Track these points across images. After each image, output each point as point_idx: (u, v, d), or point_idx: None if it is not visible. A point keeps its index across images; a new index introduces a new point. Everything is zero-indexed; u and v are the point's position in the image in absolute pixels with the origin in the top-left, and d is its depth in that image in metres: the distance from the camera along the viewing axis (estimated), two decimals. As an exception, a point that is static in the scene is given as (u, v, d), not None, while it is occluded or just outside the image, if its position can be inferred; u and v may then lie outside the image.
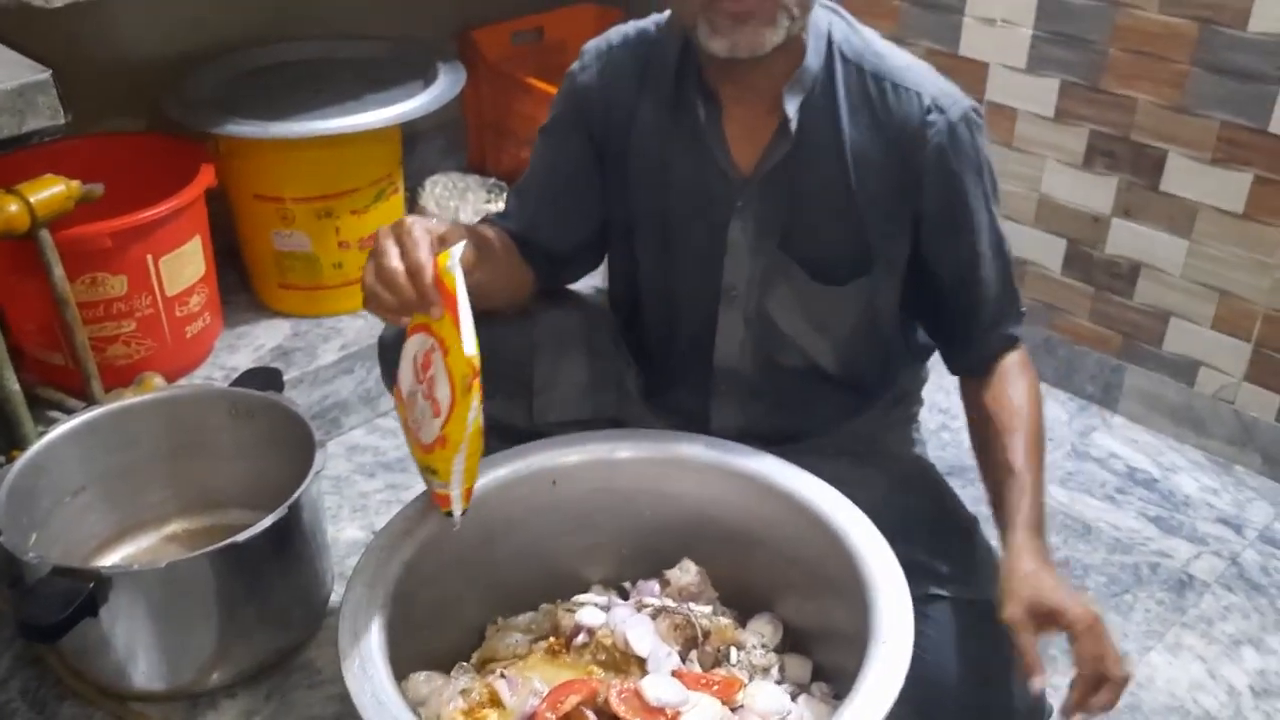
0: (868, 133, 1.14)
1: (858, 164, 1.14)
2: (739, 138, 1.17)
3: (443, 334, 0.97)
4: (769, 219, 1.19)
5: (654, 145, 1.21)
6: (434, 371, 0.99)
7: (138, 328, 1.70)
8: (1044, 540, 1.07)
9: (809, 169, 1.15)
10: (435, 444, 1.01)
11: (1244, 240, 1.70)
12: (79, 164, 1.57)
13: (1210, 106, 1.68)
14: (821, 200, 1.17)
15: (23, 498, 1.35)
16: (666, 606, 1.16)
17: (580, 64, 1.24)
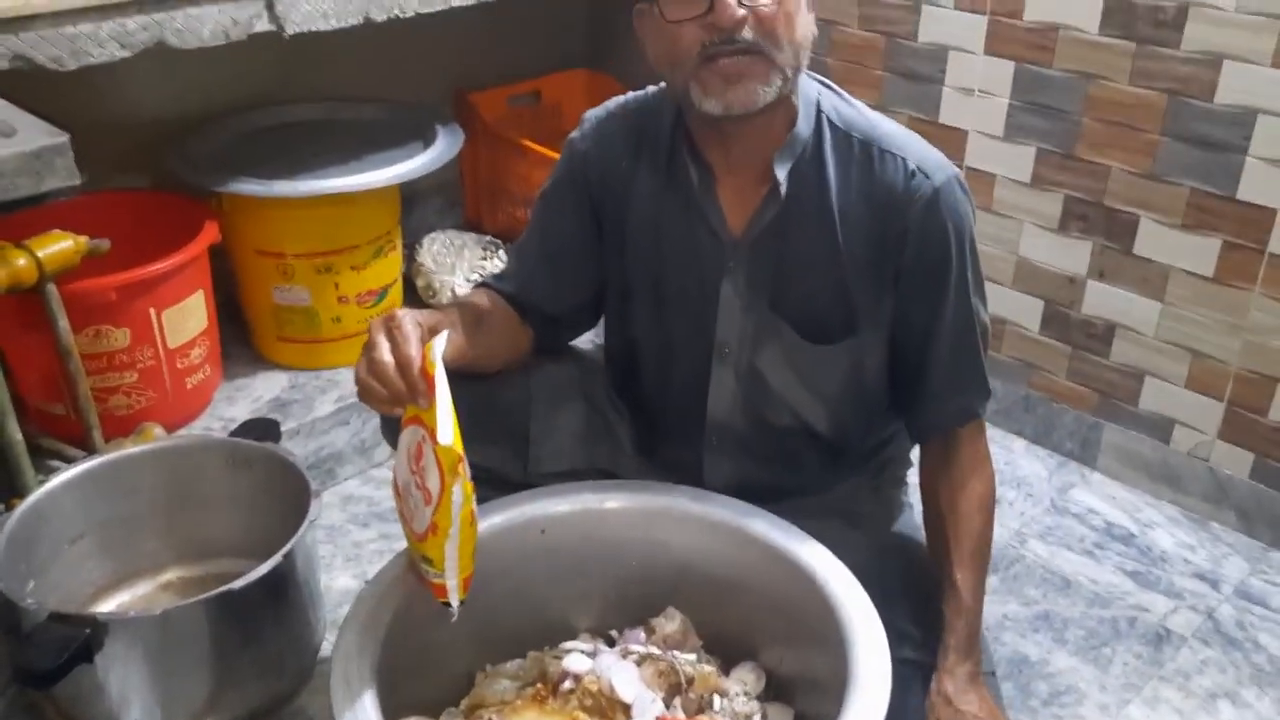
0: (855, 196, 1.18)
1: (845, 226, 1.19)
2: (731, 201, 1.22)
3: (432, 424, 1.00)
4: (759, 279, 1.23)
5: (650, 210, 1.26)
6: (425, 461, 1.02)
7: (139, 379, 1.74)
8: (975, 660, 1.15)
9: (798, 231, 1.20)
10: (427, 531, 1.04)
11: (1215, 303, 1.76)
12: (86, 219, 1.62)
13: (1180, 174, 1.74)
14: (810, 261, 1.21)
15: (22, 545, 1.38)
16: (651, 654, 1.19)
17: (580, 131, 1.30)
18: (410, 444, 1.05)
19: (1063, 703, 1.49)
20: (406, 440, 1.06)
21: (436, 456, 1.00)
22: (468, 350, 1.14)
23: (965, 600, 1.16)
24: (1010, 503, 1.91)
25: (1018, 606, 1.67)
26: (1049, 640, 1.60)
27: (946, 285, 1.20)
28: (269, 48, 1.72)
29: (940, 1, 1.93)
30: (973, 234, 1.21)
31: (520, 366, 1.30)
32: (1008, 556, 1.77)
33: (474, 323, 1.20)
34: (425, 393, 1.01)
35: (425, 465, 1.02)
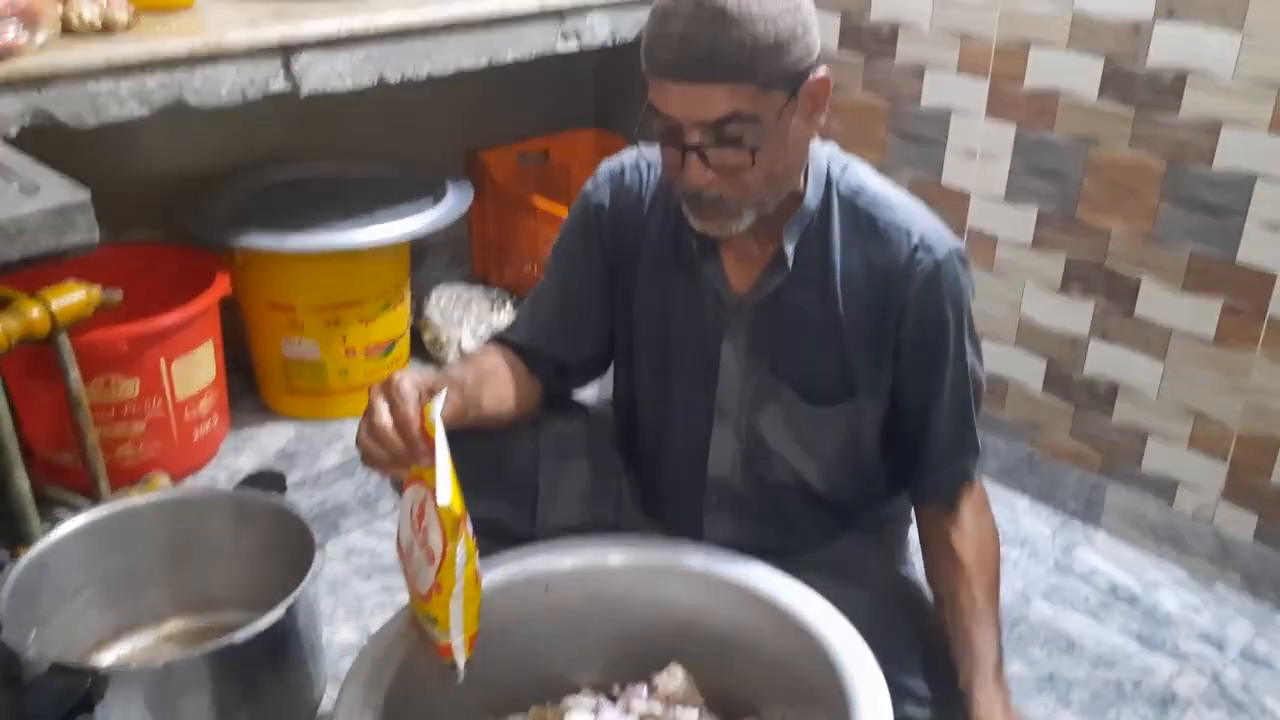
0: (858, 265, 1.20)
1: (846, 294, 1.20)
2: (734, 265, 1.24)
3: (431, 483, 1.01)
4: (760, 341, 1.24)
5: (658, 266, 1.27)
6: (427, 520, 1.03)
7: (147, 429, 1.75)
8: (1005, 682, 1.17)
9: (801, 297, 1.21)
10: (431, 591, 1.04)
11: (1216, 365, 1.77)
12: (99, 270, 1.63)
13: (1180, 238, 1.76)
14: (811, 327, 1.22)
15: (26, 595, 1.37)
16: (653, 711, 1.18)
17: (594, 183, 1.31)
18: (414, 503, 1.05)
19: (1068, 766, 1.48)
20: (410, 499, 1.06)
21: (438, 515, 1.00)
22: (467, 410, 1.15)
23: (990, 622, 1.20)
24: (1014, 562, 1.90)
25: (1022, 667, 1.66)
26: (1054, 702, 1.59)
27: (945, 359, 1.22)
28: (284, 106, 1.76)
29: (943, 66, 1.97)
30: (970, 307, 1.23)
31: (530, 422, 1.31)
32: (1012, 616, 1.76)
33: (479, 380, 1.22)
34: (425, 452, 1.02)
35: (428, 524, 1.03)
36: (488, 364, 1.27)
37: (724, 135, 1.06)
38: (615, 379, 1.41)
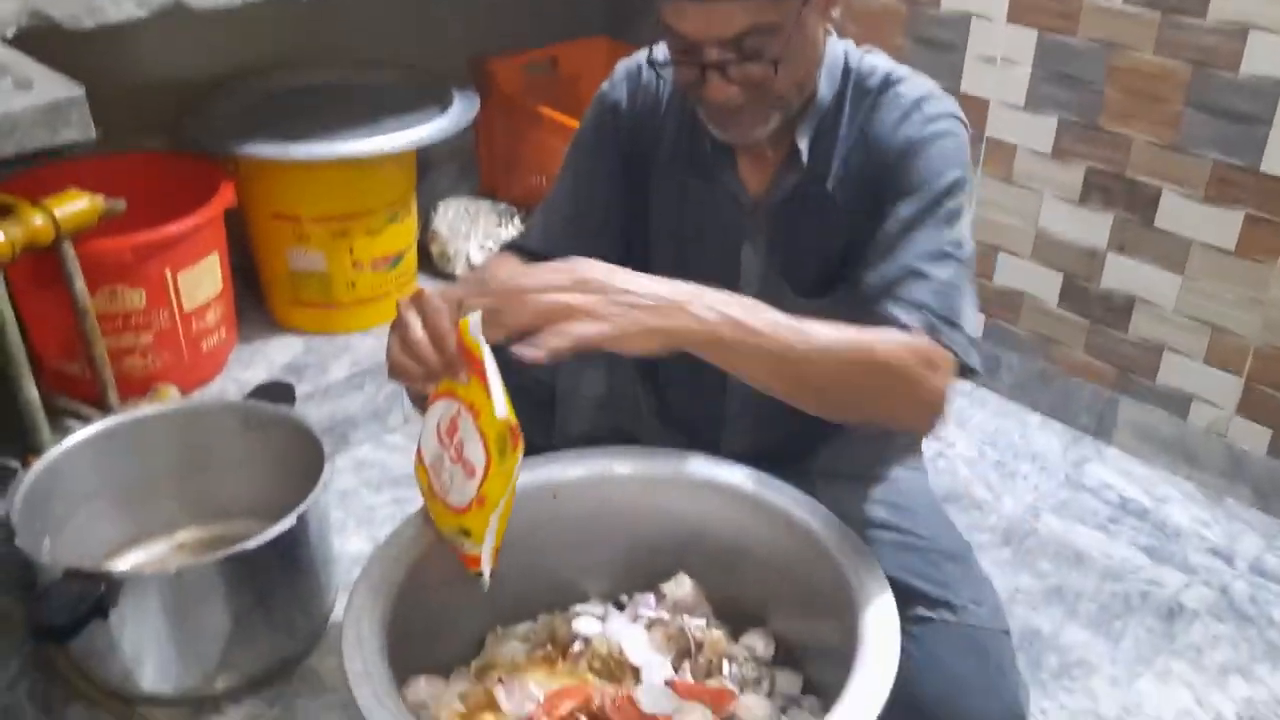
0: (859, 146, 1.17)
1: (849, 178, 1.18)
2: (750, 166, 1.21)
3: (471, 398, 0.98)
4: (780, 242, 1.22)
5: (675, 169, 1.25)
6: (462, 435, 1.00)
7: (155, 340, 1.75)
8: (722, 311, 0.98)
9: (814, 193, 1.19)
10: (471, 504, 1.02)
11: (1235, 277, 1.74)
12: (102, 180, 1.62)
13: (1203, 146, 1.72)
14: (819, 220, 1.20)
15: (38, 502, 1.39)
16: (661, 618, 1.19)
17: (611, 83, 1.28)
18: (441, 418, 1.03)
19: (1073, 675, 1.49)
20: (438, 414, 1.04)
21: (480, 430, 0.98)
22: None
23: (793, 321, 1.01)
24: (1024, 476, 1.90)
25: (1030, 580, 1.66)
26: (1061, 614, 1.60)
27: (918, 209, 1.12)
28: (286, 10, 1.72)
29: (963, -31, 1.91)
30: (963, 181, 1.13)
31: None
32: (1021, 530, 1.77)
33: None
34: (463, 366, 0.99)
35: (463, 438, 1.00)
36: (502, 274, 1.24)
37: (744, 49, 1.04)
38: None
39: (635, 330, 0.93)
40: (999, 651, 1.14)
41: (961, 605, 1.16)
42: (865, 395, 1.04)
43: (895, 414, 1.07)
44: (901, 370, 1.02)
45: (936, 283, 1.08)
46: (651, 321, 0.93)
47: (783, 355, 0.98)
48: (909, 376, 1.03)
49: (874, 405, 1.06)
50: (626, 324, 0.92)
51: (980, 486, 1.87)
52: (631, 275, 0.96)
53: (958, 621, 1.15)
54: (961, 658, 1.12)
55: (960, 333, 1.07)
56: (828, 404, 1.06)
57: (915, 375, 1.03)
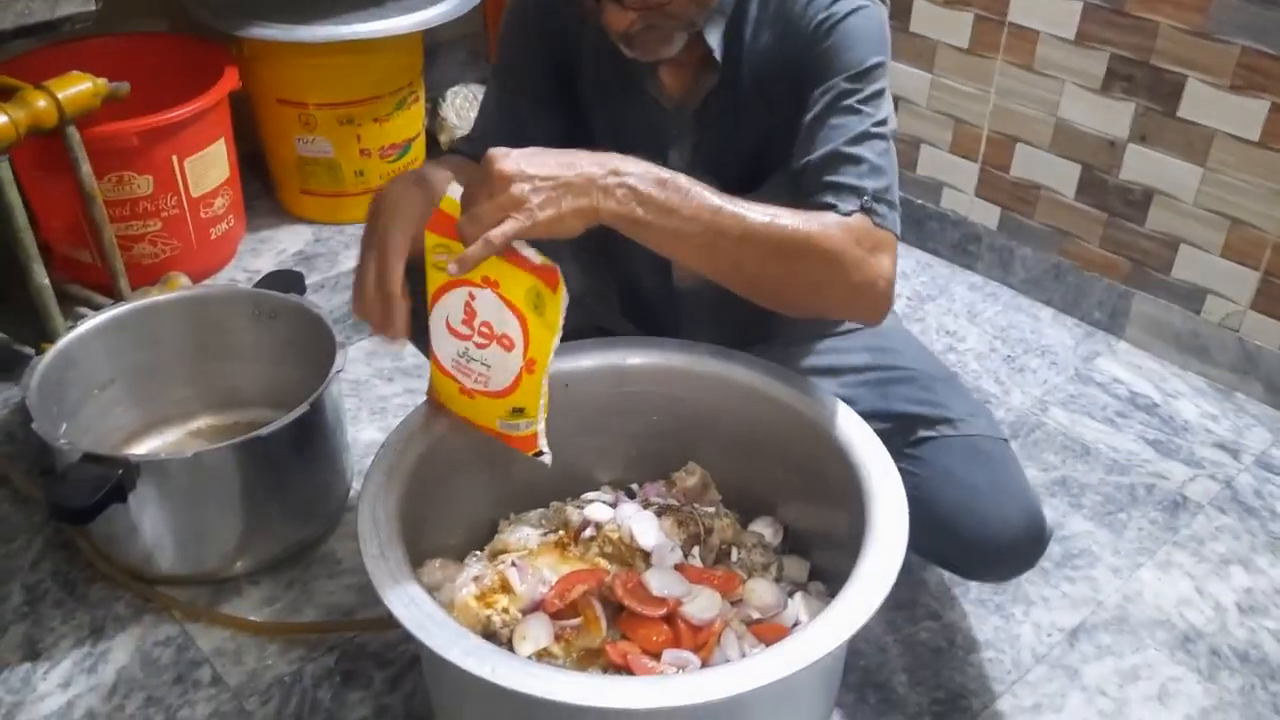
0: (771, 37, 1.14)
1: (762, 74, 1.16)
2: (669, 72, 1.20)
3: (483, 273, 0.97)
4: (702, 145, 1.22)
5: (600, 75, 1.24)
6: (483, 315, 0.99)
7: (163, 227, 1.74)
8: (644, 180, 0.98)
9: (730, 91, 1.18)
10: (520, 376, 1.01)
11: (1258, 168, 1.71)
12: (105, 63, 1.59)
13: (1232, 32, 1.67)
14: (739, 117, 1.19)
15: (53, 388, 1.40)
16: (671, 505, 1.21)
17: None
18: (450, 314, 1.02)
19: (1075, 565, 1.51)
20: (445, 312, 1.03)
21: (504, 297, 0.98)
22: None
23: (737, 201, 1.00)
24: (1034, 370, 1.90)
25: (1036, 472, 1.68)
26: (1065, 505, 1.62)
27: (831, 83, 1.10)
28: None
29: None
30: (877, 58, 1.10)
31: None
32: (1028, 423, 1.78)
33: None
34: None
35: (490, 318, 0.99)
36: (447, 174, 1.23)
37: None
38: None
39: (556, 216, 0.93)
40: (1003, 456, 1.18)
41: (959, 418, 1.20)
42: (801, 280, 1.02)
43: (836, 300, 1.05)
44: (838, 253, 1.00)
45: (868, 164, 1.06)
46: (569, 205, 0.93)
47: (708, 236, 0.97)
48: (847, 261, 1.01)
49: (812, 292, 1.04)
50: (549, 213, 0.93)
51: (990, 381, 1.87)
52: (547, 157, 0.95)
53: (958, 434, 1.19)
54: (969, 465, 1.16)
55: (896, 213, 1.06)
56: (762, 290, 1.04)
57: (853, 258, 1.01)
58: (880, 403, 1.18)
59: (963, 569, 1.24)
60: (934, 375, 1.26)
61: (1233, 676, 1.36)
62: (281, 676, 1.30)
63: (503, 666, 0.88)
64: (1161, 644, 1.40)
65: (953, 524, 1.10)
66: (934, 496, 1.03)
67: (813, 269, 1.01)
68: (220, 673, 1.31)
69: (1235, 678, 1.36)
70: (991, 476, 1.15)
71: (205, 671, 1.31)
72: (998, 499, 1.13)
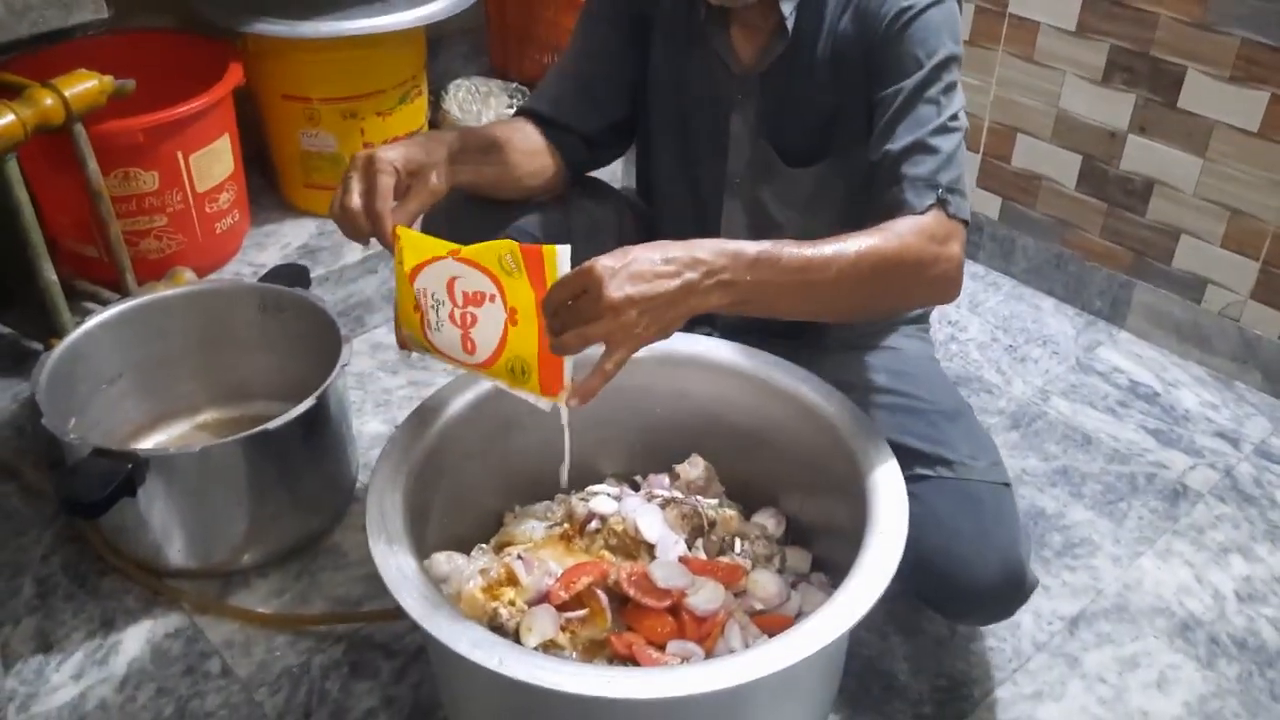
0: (850, 18, 1.18)
1: (838, 52, 1.19)
2: (741, 37, 1.23)
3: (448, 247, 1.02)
4: (765, 112, 1.25)
5: (673, 34, 1.27)
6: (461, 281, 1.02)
7: (169, 223, 1.75)
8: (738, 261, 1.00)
9: (802, 63, 1.21)
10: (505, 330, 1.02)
11: (1258, 159, 1.72)
12: (110, 60, 1.59)
13: (1231, 24, 1.67)
14: (807, 90, 1.22)
15: (62, 383, 1.41)
16: (675, 497, 1.22)
17: None
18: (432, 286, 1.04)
19: (1076, 554, 1.53)
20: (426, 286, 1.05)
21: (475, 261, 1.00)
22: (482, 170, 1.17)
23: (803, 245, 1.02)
24: (1035, 360, 1.91)
25: (1037, 461, 1.69)
26: (1066, 494, 1.63)
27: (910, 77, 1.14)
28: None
29: None
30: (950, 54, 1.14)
31: (561, 202, 1.31)
32: (1029, 413, 1.79)
33: (481, 149, 1.21)
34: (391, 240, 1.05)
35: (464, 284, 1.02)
36: (494, 134, 1.25)
37: None
38: (637, 164, 1.41)
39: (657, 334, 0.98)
40: (995, 502, 1.17)
41: (958, 461, 1.19)
42: (885, 294, 1.08)
43: (916, 298, 1.13)
44: (915, 258, 1.06)
45: (943, 155, 1.11)
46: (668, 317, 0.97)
47: (804, 293, 1.02)
48: (923, 260, 1.06)
49: (895, 299, 1.11)
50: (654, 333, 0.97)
51: (991, 370, 1.88)
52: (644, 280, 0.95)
53: (953, 477, 1.18)
54: (957, 510, 1.15)
55: (966, 200, 1.12)
56: (856, 314, 1.12)
57: (929, 256, 1.06)
58: (887, 430, 1.18)
59: (940, 610, 1.24)
60: (944, 411, 1.26)
61: (1231, 664, 1.37)
62: (290, 667, 1.32)
63: (510, 658, 0.89)
64: (1161, 632, 1.41)
65: (931, 566, 1.09)
66: (918, 536, 1.03)
67: (897, 281, 1.07)
68: (230, 664, 1.32)
69: (1233, 665, 1.37)
70: (977, 523, 1.14)
71: (215, 663, 1.32)
72: (978, 547, 1.12)
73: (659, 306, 0.96)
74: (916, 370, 1.32)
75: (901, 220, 1.08)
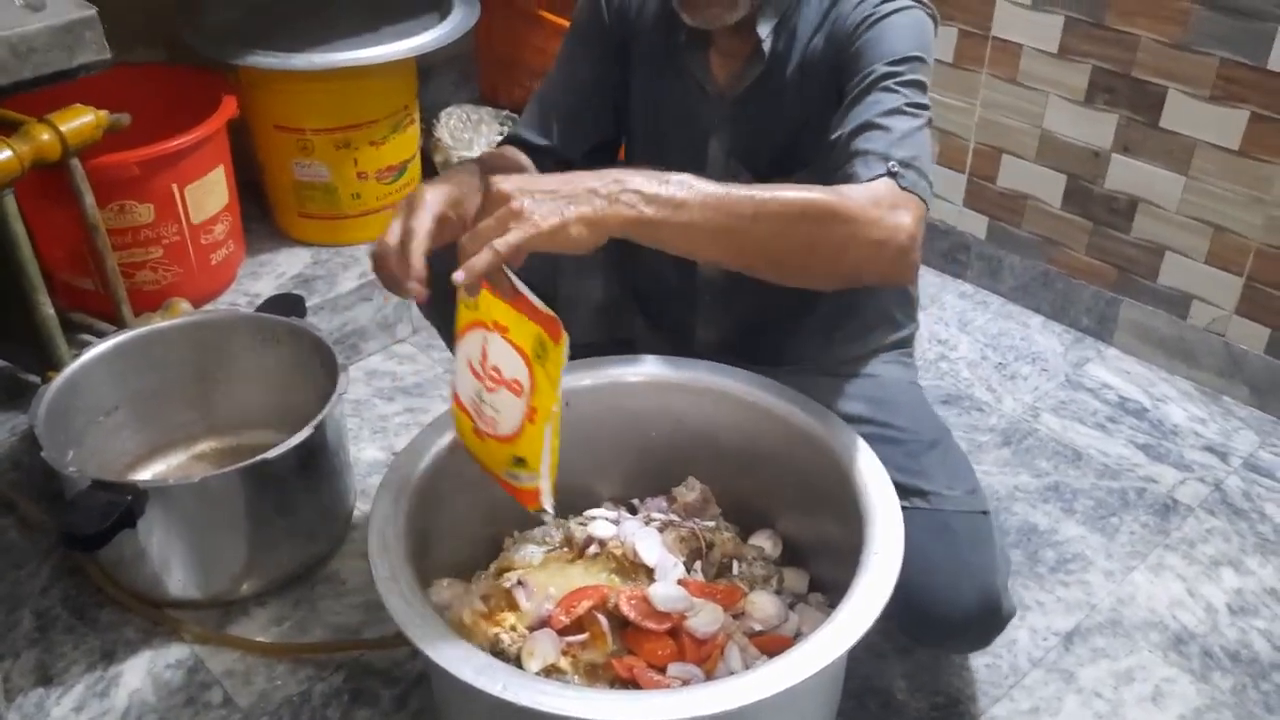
0: (822, 36, 1.19)
1: (808, 69, 1.20)
2: (719, 60, 1.25)
3: (493, 317, 0.98)
4: (740, 134, 1.26)
5: (651, 63, 1.28)
6: (495, 360, 1.00)
7: (165, 254, 1.76)
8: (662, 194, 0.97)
9: (773, 82, 1.22)
10: (522, 424, 1.00)
11: (1239, 177, 1.74)
12: (104, 93, 1.60)
13: (1210, 44, 1.70)
14: (779, 112, 1.23)
15: (60, 416, 1.42)
16: (673, 520, 1.23)
17: None
18: (471, 354, 1.03)
19: (1069, 569, 1.54)
20: (466, 351, 1.04)
21: (513, 342, 0.98)
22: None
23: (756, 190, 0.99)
24: (1025, 377, 1.93)
25: (1029, 478, 1.70)
26: (1058, 510, 1.64)
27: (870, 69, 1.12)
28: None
29: None
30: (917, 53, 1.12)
31: None
32: (1020, 430, 1.80)
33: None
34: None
35: (500, 362, 0.99)
36: (503, 164, 1.26)
37: None
38: None
39: (560, 224, 0.92)
40: (971, 531, 1.17)
41: (934, 491, 1.20)
42: (822, 247, 1.00)
43: (859, 261, 1.02)
44: (854, 216, 0.99)
45: (896, 133, 1.06)
46: (573, 213, 0.93)
47: (721, 224, 0.96)
48: (864, 221, 0.99)
49: (835, 257, 1.01)
50: (553, 221, 0.92)
51: (981, 388, 1.90)
52: (553, 176, 0.96)
53: (929, 507, 1.18)
54: (933, 540, 1.14)
55: (925, 180, 1.05)
56: (788, 268, 1.03)
57: (871, 217, 0.99)
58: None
59: (918, 639, 1.23)
60: (923, 439, 1.25)
61: (1225, 676, 1.38)
62: (291, 696, 1.32)
63: (514, 683, 0.90)
64: (1155, 646, 1.43)
65: (908, 596, 1.06)
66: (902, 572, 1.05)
67: (831, 233, 0.99)
68: (231, 694, 1.33)
69: (1227, 677, 1.38)
70: (953, 553, 1.13)
71: (216, 693, 1.33)
72: (953, 578, 1.12)
73: (558, 199, 0.92)
74: (895, 398, 1.33)
75: (847, 185, 1.02)
